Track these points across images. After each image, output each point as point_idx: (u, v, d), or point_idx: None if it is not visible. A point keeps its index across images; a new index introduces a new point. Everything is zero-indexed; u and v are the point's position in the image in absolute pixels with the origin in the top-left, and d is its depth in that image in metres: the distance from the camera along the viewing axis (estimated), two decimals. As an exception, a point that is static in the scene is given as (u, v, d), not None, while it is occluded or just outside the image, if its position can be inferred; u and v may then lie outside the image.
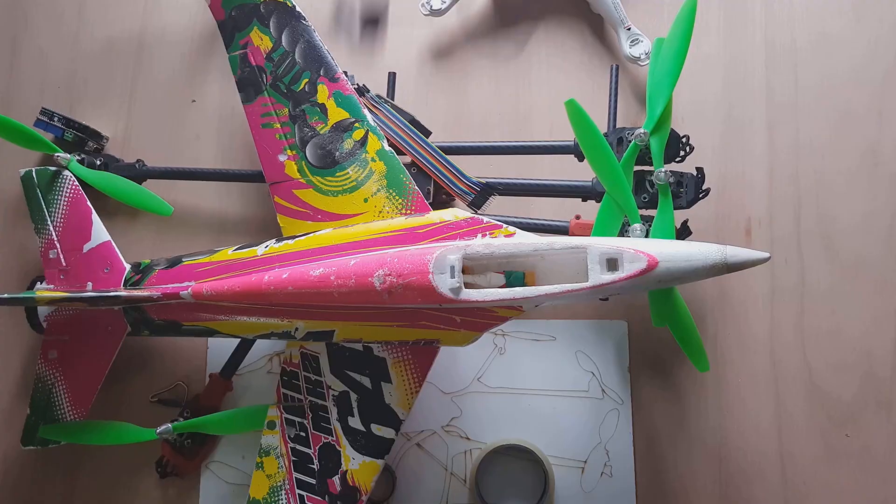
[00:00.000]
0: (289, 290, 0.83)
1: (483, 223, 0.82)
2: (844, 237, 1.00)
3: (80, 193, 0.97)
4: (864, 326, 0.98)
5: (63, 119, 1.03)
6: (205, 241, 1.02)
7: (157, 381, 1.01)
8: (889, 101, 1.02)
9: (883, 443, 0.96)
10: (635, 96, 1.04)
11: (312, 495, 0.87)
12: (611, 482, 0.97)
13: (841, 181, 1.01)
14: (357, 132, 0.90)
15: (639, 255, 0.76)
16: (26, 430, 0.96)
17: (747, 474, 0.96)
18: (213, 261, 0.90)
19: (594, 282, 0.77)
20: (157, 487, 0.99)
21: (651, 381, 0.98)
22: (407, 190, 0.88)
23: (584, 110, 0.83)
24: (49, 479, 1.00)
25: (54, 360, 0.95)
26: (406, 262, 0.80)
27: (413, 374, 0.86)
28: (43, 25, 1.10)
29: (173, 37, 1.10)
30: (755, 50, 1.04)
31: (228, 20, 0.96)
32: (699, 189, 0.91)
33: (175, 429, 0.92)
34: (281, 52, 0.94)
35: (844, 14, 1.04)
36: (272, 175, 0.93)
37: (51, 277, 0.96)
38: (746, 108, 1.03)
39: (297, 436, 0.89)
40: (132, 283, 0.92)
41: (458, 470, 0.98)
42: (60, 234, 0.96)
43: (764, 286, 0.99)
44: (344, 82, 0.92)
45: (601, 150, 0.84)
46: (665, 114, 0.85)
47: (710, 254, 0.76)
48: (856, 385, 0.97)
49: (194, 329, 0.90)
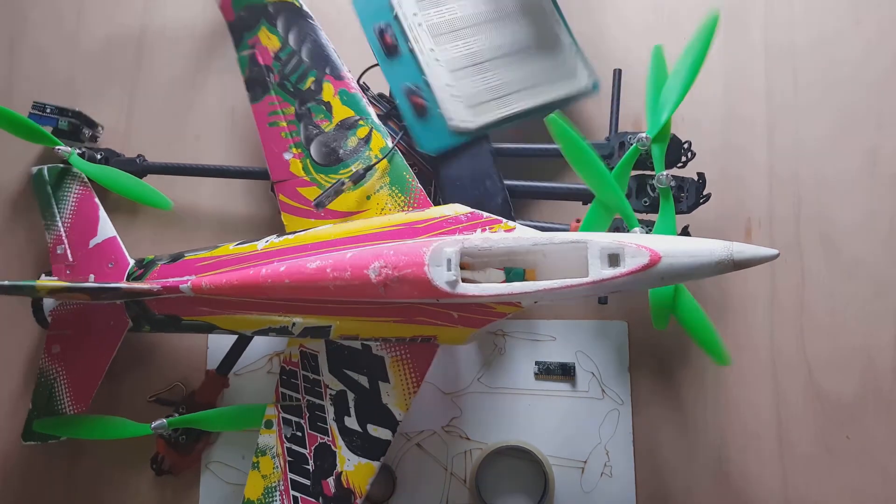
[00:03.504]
0: (286, 283, 0.83)
1: (483, 218, 0.82)
2: (844, 237, 1.00)
3: (88, 190, 0.98)
4: (864, 326, 0.98)
5: (55, 108, 1.02)
6: (205, 237, 1.02)
7: (155, 380, 1.01)
8: (889, 101, 1.02)
9: (883, 443, 0.96)
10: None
11: (306, 497, 0.87)
12: (611, 482, 0.96)
13: (841, 181, 1.01)
14: (361, 129, 0.91)
15: (641, 249, 0.75)
16: (27, 425, 0.96)
17: (747, 473, 0.96)
18: (214, 255, 0.90)
19: (594, 277, 0.76)
20: (154, 488, 0.99)
21: (651, 381, 0.98)
22: (410, 187, 0.88)
23: (566, 125, 0.83)
24: (47, 476, 1.00)
25: (57, 354, 0.96)
26: (402, 254, 0.80)
27: (411, 374, 0.85)
28: (42, 24, 1.11)
29: (174, 33, 1.10)
30: (755, 50, 1.05)
31: (238, 20, 0.97)
32: (700, 194, 0.92)
33: (170, 424, 0.92)
34: (288, 52, 0.94)
35: (844, 14, 1.05)
36: (277, 173, 0.93)
37: (57, 272, 0.96)
38: (746, 108, 1.04)
39: (293, 436, 0.89)
40: (135, 277, 0.93)
41: (458, 470, 0.98)
42: (69, 230, 0.97)
43: (764, 286, 0.99)
44: (349, 80, 0.92)
45: (589, 160, 0.83)
46: (667, 119, 0.85)
47: (715, 250, 0.75)
48: (856, 385, 0.97)
49: (194, 324, 0.90)
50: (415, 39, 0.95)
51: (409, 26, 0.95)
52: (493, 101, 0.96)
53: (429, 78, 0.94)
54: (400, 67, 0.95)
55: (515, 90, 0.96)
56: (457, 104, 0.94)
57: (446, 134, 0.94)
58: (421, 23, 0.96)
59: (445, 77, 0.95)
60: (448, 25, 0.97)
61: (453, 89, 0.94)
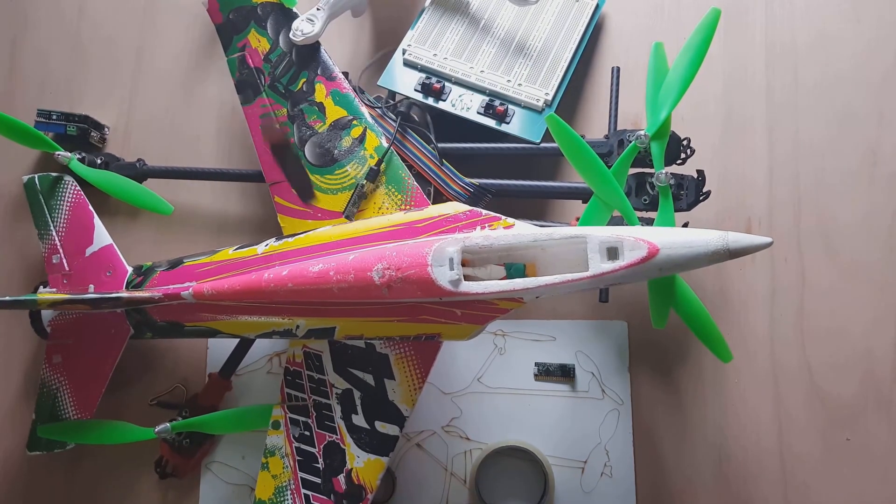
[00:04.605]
0: (289, 286, 0.83)
1: (482, 215, 0.82)
2: (844, 237, 1.00)
3: (82, 198, 0.97)
4: (864, 326, 0.98)
5: (61, 115, 1.03)
6: (205, 241, 1.02)
7: (157, 384, 1.01)
8: (889, 101, 1.02)
9: (883, 443, 0.96)
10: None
11: (318, 495, 0.87)
12: (611, 482, 0.96)
13: (841, 181, 1.01)
14: (355, 129, 0.91)
15: (639, 242, 0.76)
16: (32, 436, 0.96)
17: (747, 474, 0.96)
18: (214, 261, 0.90)
19: (594, 271, 0.77)
20: (156, 489, 0.99)
21: (651, 381, 0.98)
22: (406, 186, 0.88)
23: (565, 122, 0.83)
24: (49, 481, 1.00)
25: (59, 364, 0.96)
26: (405, 255, 0.80)
27: (416, 370, 0.86)
28: (43, 25, 1.11)
29: (173, 36, 1.10)
30: (755, 50, 1.05)
31: (226, 23, 0.97)
32: (700, 192, 0.92)
33: (173, 428, 0.92)
34: (279, 53, 0.94)
35: (844, 14, 1.05)
36: (272, 175, 0.93)
37: (54, 282, 0.96)
38: (746, 108, 1.04)
39: (301, 435, 0.89)
40: (134, 285, 0.92)
41: (458, 470, 0.98)
42: (63, 238, 0.97)
43: (764, 286, 0.99)
44: (341, 80, 0.92)
45: (587, 158, 0.83)
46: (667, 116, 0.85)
47: (711, 240, 0.76)
48: (856, 385, 0.97)
49: (196, 329, 0.90)
50: (452, 71, 0.97)
51: (438, 66, 0.97)
52: (548, 63, 0.98)
53: (488, 87, 0.96)
54: (460, 98, 0.97)
55: (555, 45, 0.99)
56: (528, 89, 0.96)
57: (537, 116, 0.96)
58: (446, 56, 0.98)
59: (500, 78, 0.97)
60: (464, 41, 0.99)
61: (512, 80, 0.97)
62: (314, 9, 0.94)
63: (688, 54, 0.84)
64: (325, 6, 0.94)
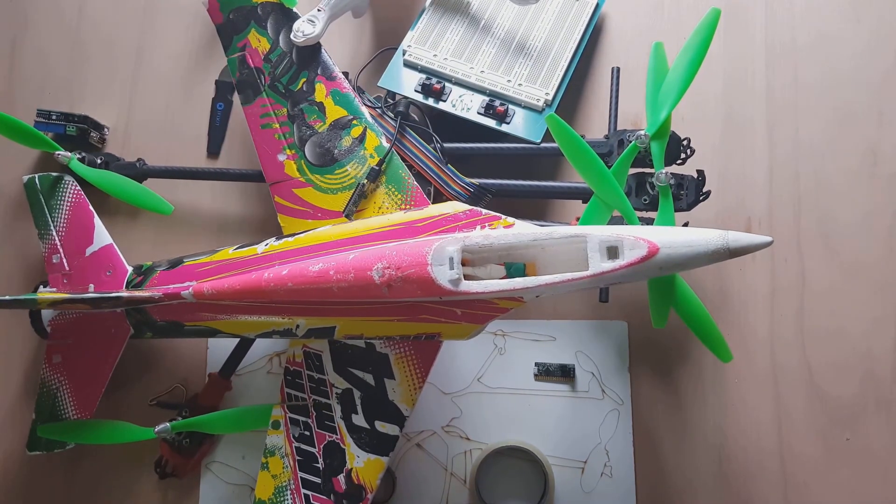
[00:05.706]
0: (289, 286, 0.83)
1: (482, 215, 0.82)
2: (844, 237, 1.00)
3: (82, 198, 0.97)
4: (864, 326, 0.98)
5: (61, 115, 1.03)
6: (205, 241, 1.02)
7: (157, 384, 1.01)
8: (889, 101, 1.02)
9: (883, 443, 0.96)
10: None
11: (318, 494, 0.87)
12: (611, 482, 0.96)
13: (841, 181, 1.01)
14: (355, 129, 0.91)
15: (639, 241, 0.76)
16: (32, 435, 0.96)
17: (747, 474, 0.96)
18: (214, 260, 0.90)
19: (594, 270, 0.77)
20: (156, 489, 0.99)
21: (651, 381, 0.98)
22: (406, 185, 0.88)
23: (565, 122, 0.83)
24: (49, 481, 1.00)
25: (58, 364, 0.96)
26: (405, 254, 0.80)
27: (416, 370, 0.86)
28: (43, 25, 1.11)
29: (173, 36, 1.10)
30: (755, 50, 1.05)
31: (227, 23, 0.97)
32: (700, 191, 0.92)
33: (173, 428, 0.92)
34: (279, 53, 0.94)
35: (844, 14, 1.05)
36: (272, 175, 0.93)
37: (54, 281, 0.96)
38: (746, 107, 1.04)
39: (301, 435, 0.89)
40: (134, 284, 0.92)
41: (458, 470, 0.98)
42: (63, 238, 0.97)
43: (764, 286, 0.99)
44: (341, 80, 0.92)
45: (587, 158, 0.83)
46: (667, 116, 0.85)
47: (711, 239, 0.76)
48: (856, 385, 0.97)
49: (196, 329, 0.90)
50: (452, 71, 0.97)
51: (439, 66, 0.97)
52: (548, 63, 0.98)
53: (488, 87, 0.96)
54: (461, 98, 0.97)
55: (554, 43, 0.99)
56: (528, 89, 0.96)
57: (537, 116, 0.96)
58: (446, 56, 0.98)
59: (500, 78, 0.97)
60: (464, 42, 0.99)
61: (512, 81, 0.97)
62: (315, 10, 0.94)
63: (688, 54, 0.84)
64: (327, 7, 0.95)
